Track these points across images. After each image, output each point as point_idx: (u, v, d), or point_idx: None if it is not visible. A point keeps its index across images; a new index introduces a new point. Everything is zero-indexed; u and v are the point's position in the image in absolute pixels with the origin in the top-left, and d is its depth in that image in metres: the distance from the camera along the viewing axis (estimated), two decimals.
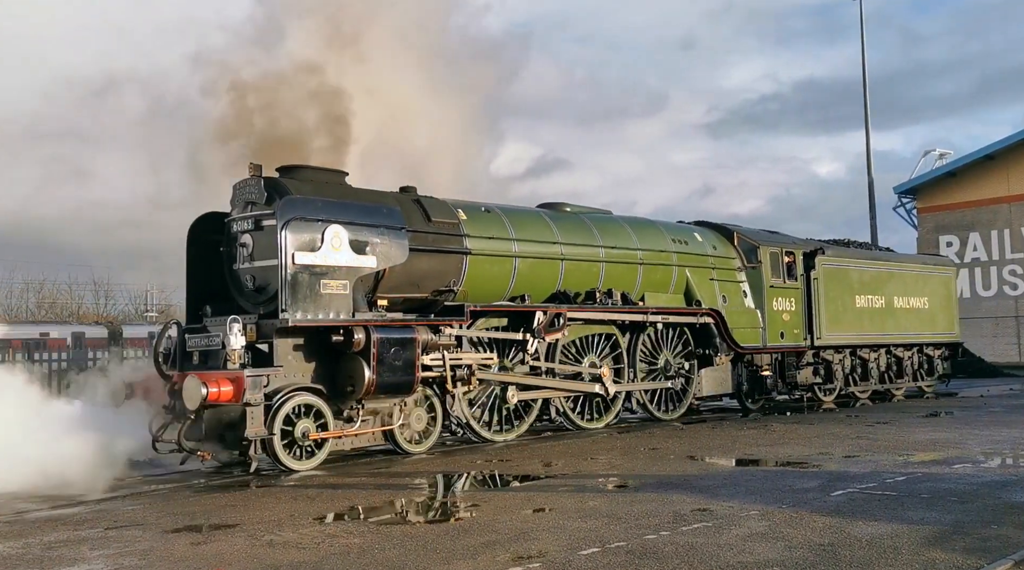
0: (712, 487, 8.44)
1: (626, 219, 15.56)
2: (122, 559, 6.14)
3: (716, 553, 5.87)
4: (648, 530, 6.58)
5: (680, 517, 7.02)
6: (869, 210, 33.28)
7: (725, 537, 6.32)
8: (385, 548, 6.26)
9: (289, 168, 11.36)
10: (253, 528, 7.04)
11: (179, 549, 6.42)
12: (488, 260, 12.77)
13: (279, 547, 6.37)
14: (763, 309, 17.04)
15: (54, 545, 6.67)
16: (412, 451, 11.50)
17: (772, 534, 6.37)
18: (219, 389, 9.68)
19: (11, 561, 6.20)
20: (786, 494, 7.93)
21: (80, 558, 6.23)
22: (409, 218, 11.85)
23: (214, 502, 8.44)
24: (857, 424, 14.39)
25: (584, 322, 13.81)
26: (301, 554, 6.14)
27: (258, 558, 6.06)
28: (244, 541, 6.59)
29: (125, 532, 7.06)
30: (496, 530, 6.75)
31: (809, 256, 18.37)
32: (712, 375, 16.23)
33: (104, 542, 6.70)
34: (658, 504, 7.59)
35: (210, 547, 6.45)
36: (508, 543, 6.30)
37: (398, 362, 10.81)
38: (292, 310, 10.24)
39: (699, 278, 16.05)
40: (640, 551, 5.96)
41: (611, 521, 6.93)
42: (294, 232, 10.33)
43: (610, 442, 12.41)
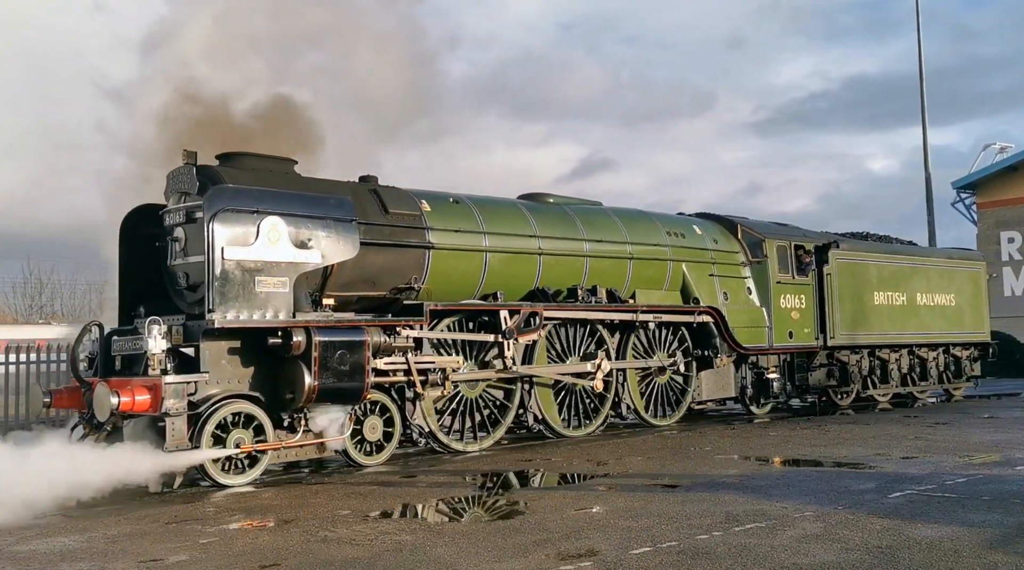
0: (765, 487, 8.32)
1: (616, 210, 14.45)
2: (182, 553, 6.27)
3: (770, 554, 5.78)
4: (700, 530, 6.51)
5: (732, 517, 6.93)
6: (926, 206, 31.63)
7: (779, 538, 6.23)
8: (437, 545, 6.30)
9: (229, 155, 10.44)
10: (307, 524, 7.15)
11: (238, 544, 6.54)
12: (455, 255, 11.75)
13: (333, 543, 6.46)
14: (769, 307, 15.84)
15: (117, 538, 6.84)
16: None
17: (828, 535, 6.28)
18: (133, 398, 8.77)
19: (76, 554, 6.36)
20: (842, 495, 7.80)
21: (142, 552, 6.35)
22: (362, 209, 10.87)
23: (268, 499, 8.53)
24: (915, 425, 13.97)
25: (560, 322, 12.74)
26: (355, 550, 6.21)
27: (313, 553, 6.15)
28: (299, 537, 6.70)
29: (185, 527, 7.22)
30: (547, 529, 6.75)
31: (821, 250, 17.10)
32: (712, 378, 15.07)
33: (165, 536, 6.87)
34: (710, 504, 7.51)
35: (266, 542, 6.59)
36: (559, 541, 6.30)
37: (344, 367, 9.83)
38: (222, 310, 9.29)
39: (697, 274, 14.89)
40: (692, 551, 5.91)
41: (662, 521, 6.88)
42: (224, 224, 9.38)
43: (659, 441, 12.26)
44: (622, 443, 12.26)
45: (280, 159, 10.74)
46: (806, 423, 14.77)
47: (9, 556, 6.41)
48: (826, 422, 14.85)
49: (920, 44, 31.52)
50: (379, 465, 10.57)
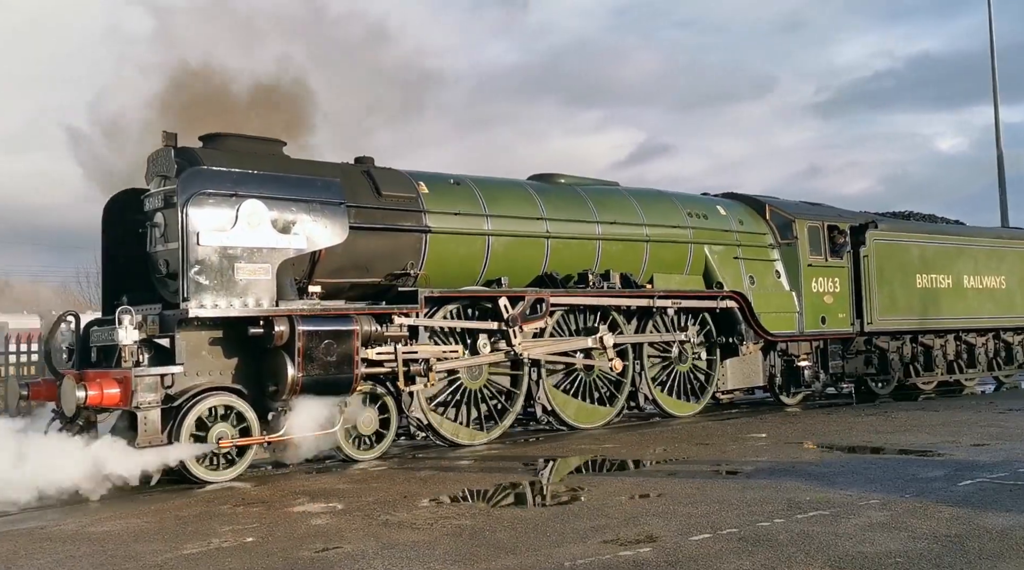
0: (828, 475, 8.16)
1: (632, 191, 13.74)
2: (251, 534, 6.45)
3: (833, 542, 5.67)
4: (761, 517, 6.43)
5: (795, 504, 6.83)
6: (999, 186, 30.12)
7: (843, 526, 6.10)
8: (496, 530, 6.34)
9: (212, 136, 9.98)
10: (369, 508, 7.23)
11: (301, 527, 6.65)
12: (454, 239, 11.17)
13: (394, 527, 6.53)
14: (800, 291, 14.99)
15: (187, 520, 7.04)
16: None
17: (894, 524, 6.16)
18: (101, 392, 8.38)
19: (148, 534, 6.53)
20: (909, 483, 7.62)
21: (211, 532, 6.52)
22: (353, 192, 10.34)
23: (330, 483, 8.64)
24: (986, 411, 13.55)
25: (568, 309, 12.10)
26: (415, 534, 6.26)
27: (375, 536, 6.23)
28: (361, 520, 6.79)
29: (251, 509, 7.41)
30: (606, 514, 6.74)
31: (858, 230, 16.18)
32: (738, 366, 14.32)
33: (232, 518, 7.06)
34: (771, 491, 7.39)
35: (329, 525, 6.69)
36: (618, 527, 6.28)
37: (331, 357, 9.33)
38: (198, 298, 8.85)
39: (720, 257, 14.12)
40: (753, 538, 5.83)
41: (722, 507, 6.82)
42: (200, 208, 8.93)
43: (720, 427, 12.01)
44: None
45: (267, 140, 10.26)
46: (871, 409, 14.31)
47: (85, 537, 6.61)
48: (892, 409, 14.40)
49: (991, 19, 30.01)
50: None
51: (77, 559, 5.93)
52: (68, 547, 6.30)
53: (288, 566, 5.57)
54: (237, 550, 6.02)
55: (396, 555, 5.74)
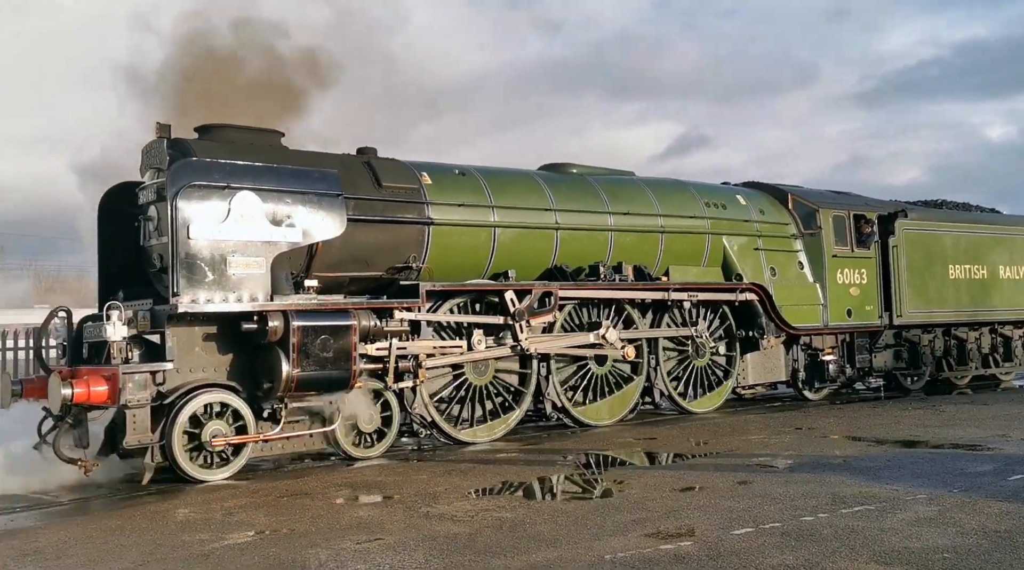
0: (874, 469, 8.06)
1: (647, 181, 13.32)
2: (294, 524, 6.53)
3: (879, 537, 5.61)
4: (805, 512, 6.36)
5: (839, 499, 6.75)
6: None
7: (889, 521, 6.04)
8: (536, 522, 6.36)
9: (208, 127, 9.76)
10: (411, 500, 7.30)
11: (344, 518, 6.78)
12: (459, 231, 10.86)
13: (435, 519, 6.58)
14: (824, 283, 14.49)
15: (233, 510, 7.17)
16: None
17: (941, 519, 6.06)
18: (88, 389, 8.19)
19: (194, 524, 6.69)
20: (957, 478, 7.52)
21: (256, 523, 6.65)
22: (352, 183, 10.06)
23: (372, 475, 8.73)
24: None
25: (580, 302, 11.74)
26: (456, 526, 6.31)
27: (416, 528, 6.28)
28: (402, 512, 6.85)
29: (295, 500, 7.48)
30: (646, 508, 6.73)
31: (886, 219, 15.63)
32: (759, 360, 13.87)
33: (277, 509, 7.18)
34: (815, 485, 7.31)
35: (372, 516, 6.82)
36: (658, 520, 6.26)
37: (327, 353, 9.07)
38: (189, 293, 8.63)
39: (740, 248, 13.67)
40: (796, 533, 5.77)
41: (765, 501, 6.76)
42: (190, 201, 8.70)
43: (763, 420, 12.04)
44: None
45: (265, 131, 10.01)
46: (918, 403, 14.08)
47: (134, 526, 6.68)
48: (940, 402, 14.17)
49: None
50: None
51: (126, 549, 6.05)
52: (119, 536, 6.43)
53: (331, 557, 5.62)
54: (281, 540, 6.13)
55: (437, 547, 5.77)
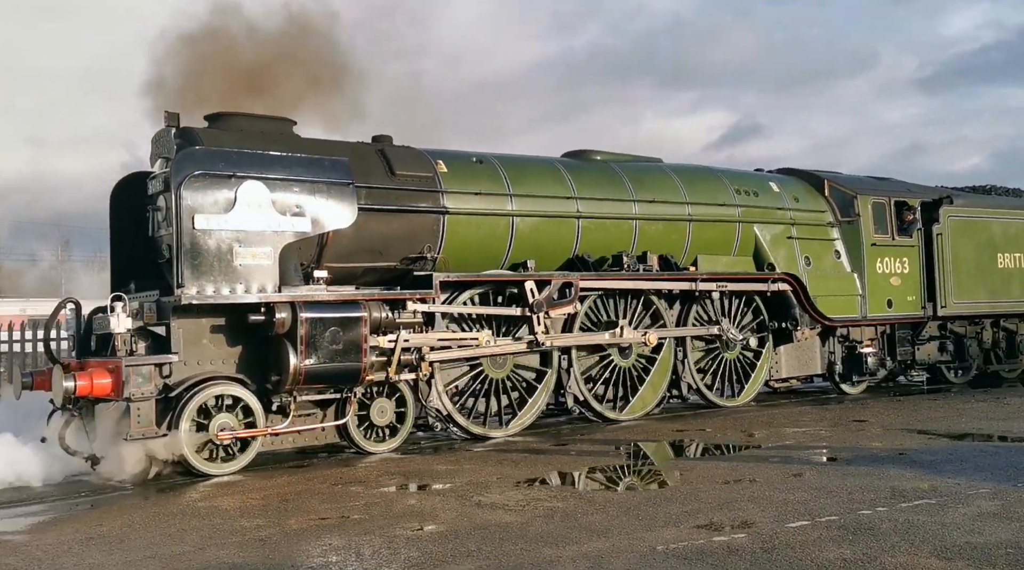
0: (935, 463, 7.94)
1: (675, 167, 12.91)
2: (349, 511, 6.65)
3: (940, 532, 5.52)
4: (863, 505, 6.28)
5: (899, 493, 6.65)
6: None
7: (950, 515, 5.93)
8: (588, 513, 6.37)
9: (218, 116, 9.61)
10: (463, 489, 7.38)
11: (397, 506, 6.89)
12: (475, 220, 10.58)
13: (487, 508, 6.65)
14: (862, 272, 13.95)
15: (288, 497, 7.29)
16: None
17: (1005, 514, 5.94)
18: (91, 382, 8.10)
19: (252, 511, 6.84)
20: (1022, 472, 7.37)
21: (312, 510, 6.75)
22: (365, 171, 9.84)
23: (422, 464, 8.83)
24: None
25: (603, 293, 11.40)
26: (508, 515, 6.36)
27: (468, 517, 6.36)
28: (455, 501, 6.94)
29: (349, 488, 7.62)
30: (699, 499, 6.68)
31: (930, 206, 15.00)
32: (793, 353, 13.41)
33: (331, 496, 7.28)
34: (874, 478, 7.22)
35: (424, 505, 6.89)
36: (711, 512, 6.21)
37: (337, 345, 8.89)
38: (194, 284, 8.49)
39: (772, 236, 13.19)
40: (854, 526, 5.69)
41: (821, 494, 6.68)
42: (194, 191, 8.55)
43: (820, 412, 11.90)
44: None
45: (276, 119, 9.84)
46: (981, 395, 13.88)
47: (193, 512, 6.90)
48: (1005, 395, 13.95)
49: None
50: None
51: (187, 533, 6.21)
52: (178, 521, 6.60)
53: (385, 543, 5.70)
54: (336, 527, 6.22)
55: (489, 535, 5.80)
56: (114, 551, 5.79)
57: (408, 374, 9.56)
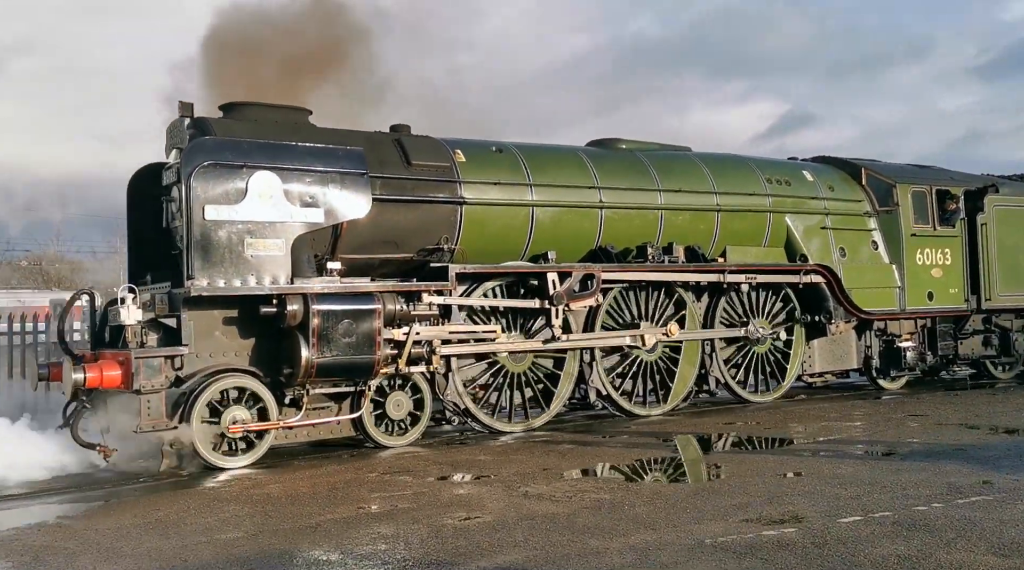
0: (993, 458, 7.75)
1: (704, 156, 12.57)
2: (397, 501, 6.74)
3: (998, 529, 5.39)
4: (917, 501, 6.17)
5: (955, 488, 6.52)
6: None
7: (1009, 512, 5.80)
8: (635, 505, 6.36)
9: (232, 105, 9.53)
10: (510, 480, 7.41)
11: (445, 495, 6.94)
12: (493, 211, 10.38)
13: (534, 499, 6.67)
14: (901, 264, 13.49)
15: (338, 486, 7.41)
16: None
17: None
18: (101, 374, 8.07)
19: (303, 498, 6.96)
20: None
21: (360, 499, 6.88)
22: (380, 161, 9.70)
23: (470, 455, 8.87)
24: None
25: (629, 286, 11.13)
26: (554, 506, 6.37)
27: (515, 507, 6.38)
28: (502, 491, 6.98)
29: (397, 478, 7.71)
30: (748, 492, 6.62)
31: (974, 195, 14.46)
32: (827, 347, 13.01)
33: (380, 485, 7.38)
34: (929, 474, 7.09)
35: (471, 495, 6.94)
36: (761, 506, 6.14)
37: (349, 338, 8.77)
38: (205, 276, 8.42)
39: (805, 227, 12.80)
40: (908, 522, 5.59)
41: (874, 489, 6.57)
42: (206, 181, 8.46)
43: (870, 407, 11.73)
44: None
45: (291, 109, 9.73)
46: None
47: (247, 499, 7.02)
48: None
49: None
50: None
51: (241, 518, 6.37)
52: (233, 507, 6.77)
53: (433, 533, 5.73)
54: (385, 515, 6.30)
55: (536, 526, 5.80)
56: (170, 536, 5.92)
57: (418, 367, 9.40)
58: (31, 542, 5.93)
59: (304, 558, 5.30)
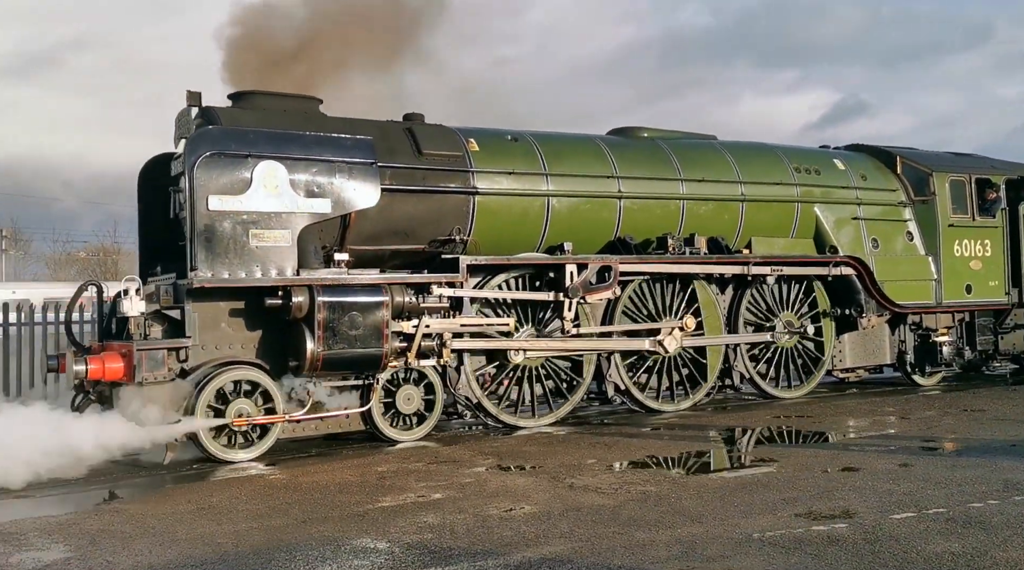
0: None
1: (729, 145, 12.19)
2: (443, 490, 6.80)
3: None
4: (973, 498, 6.06)
5: (1013, 486, 6.39)
6: None
7: None
8: (682, 498, 6.33)
9: (241, 94, 9.42)
10: (555, 471, 7.43)
11: (491, 485, 6.98)
12: (507, 201, 10.15)
13: (580, 490, 6.66)
14: (938, 255, 13.01)
15: (386, 475, 7.51)
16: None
17: None
18: (103, 366, 8.00)
19: (350, 487, 7.05)
20: None
21: (407, 487, 6.97)
22: (390, 150, 9.52)
23: (517, 445, 8.91)
24: None
25: (649, 278, 10.83)
26: (600, 498, 6.38)
27: (561, 499, 6.39)
28: (547, 482, 7.00)
29: (443, 467, 7.82)
30: (797, 487, 6.56)
31: (1016, 184, 13.88)
32: (858, 341, 12.58)
33: (427, 475, 7.48)
34: (986, 470, 6.97)
35: (517, 485, 6.97)
36: (810, 501, 6.08)
37: (356, 331, 8.62)
38: (209, 267, 8.32)
39: (835, 217, 12.38)
40: (963, 519, 5.51)
41: (927, 485, 6.49)
42: (208, 171, 8.35)
43: (912, 402, 11.49)
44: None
45: (301, 97, 9.59)
46: None
47: (295, 487, 7.17)
48: None
49: None
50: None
51: (290, 506, 6.43)
52: (281, 494, 6.87)
53: (478, 523, 5.76)
54: (430, 505, 6.35)
55: (581, 517, 5.80)
56: (223, 522, 6.02)
57: (428, 361, 9.22)
58: (88, 526, 6.06)
59: (351, 546, 5.34)
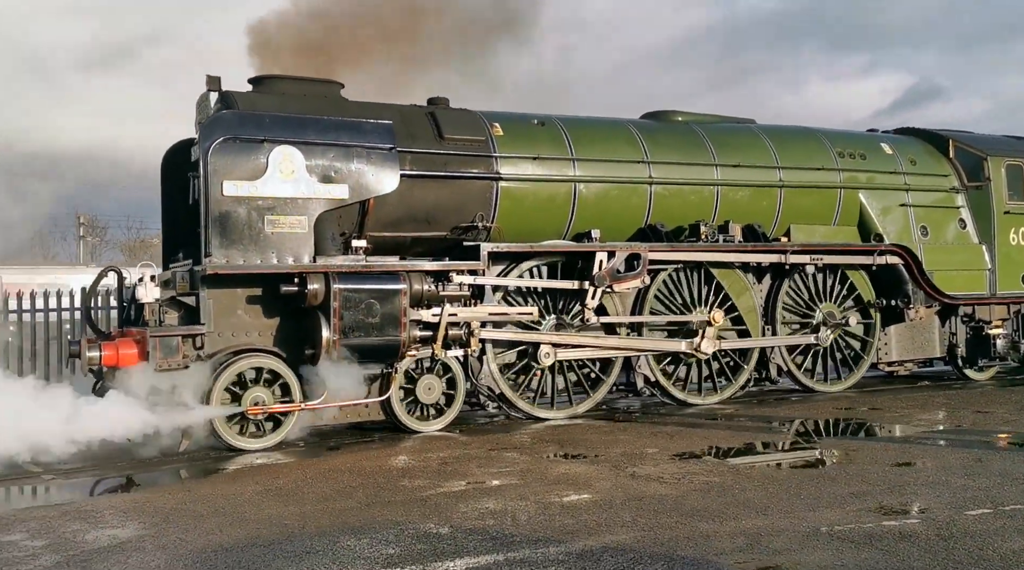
0: None
1: (768, 129, 11.74)
2: (504, 477, 6.81)
3: None
4: None
5: None
6: None
7: None
8: (746, 489, 6.23)
9: (261, 79, 9.31)
10: (617, 460, 7.39)
11: (552, 473, 6.98)
12: (533, 187, 9.89)
13: (641, 479, 6.62)
14: (992, 244, 12.42)
15: (447, 461, 7.58)
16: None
17: None
18: (117, 352, 7.97)
19: (413, 472, 7.15)
20: None
21: (468, 473, 7.00)
22: (411, 135, 9.33)
23: (580, 433, 8.87)
24: None
25: (682, 266, 10.48)
26: (663, 488, 6.32)
27: (623, 488, 6.35)
28: (609, 471, 6.95)
29: (504, 454, 7.81)
30: (866, 480, 6.44)
31: None
32: (906, 333, 12.06)
33: (488, 461, 7.50)
34: None
35: (579, 473, 6.92)
36: (880, 495, 5.97)
37: (373, 319, 8.47)
38: (221, 253, 8.23)
39: (881, 204, 11.86)
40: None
41: (1006, 481, 6.31)
42: (223, 156, 8.25)
43: (972, 396, 11.07)
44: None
45: (322, 82, 9.45)
46: None
47: (359, 471, 7.23)
48: None
49: None
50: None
51: (354, 489, 6.57)
52: (345, 477, 6.98)
53: (540, 510, 5.75)
54: (493, 491, 6.37)
55: (644, 507, 5.77)
56: (289, 503, 6.13)
57: (454, 351, 9.03)
58: (161, 504, 6.24)
59: (414, 530, 5.36)
